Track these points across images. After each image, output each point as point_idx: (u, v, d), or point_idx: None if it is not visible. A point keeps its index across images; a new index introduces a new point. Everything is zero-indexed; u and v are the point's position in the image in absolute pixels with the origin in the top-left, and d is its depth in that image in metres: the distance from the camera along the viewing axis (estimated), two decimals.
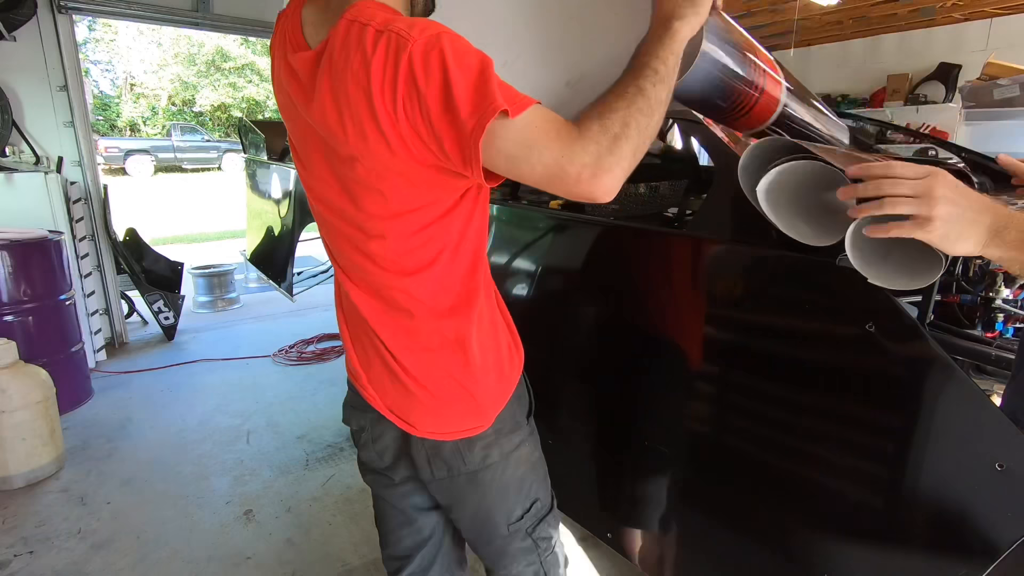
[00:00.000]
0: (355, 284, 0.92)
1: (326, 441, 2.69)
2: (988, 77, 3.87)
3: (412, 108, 0.71)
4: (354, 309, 0.93)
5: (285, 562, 1.93)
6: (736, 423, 1.25)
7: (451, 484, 0.98)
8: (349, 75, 0.73)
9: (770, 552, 1.22)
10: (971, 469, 0.90)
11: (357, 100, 0.73)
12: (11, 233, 2.80)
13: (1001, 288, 1.38)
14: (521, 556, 1.05)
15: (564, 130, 0.72)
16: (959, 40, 5.90)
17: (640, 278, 1.44)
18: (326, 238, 0.96)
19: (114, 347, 3.95)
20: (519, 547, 1.04)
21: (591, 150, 0.70)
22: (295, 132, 0.89)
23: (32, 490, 2.32)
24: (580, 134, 0.71)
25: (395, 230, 0.83)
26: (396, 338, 0.91)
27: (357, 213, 0.84)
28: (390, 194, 0.80)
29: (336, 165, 0.83)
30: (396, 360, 0.91)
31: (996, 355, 1.20)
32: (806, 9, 5.47)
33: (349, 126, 0.75)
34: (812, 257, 1.00)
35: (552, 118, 0.73)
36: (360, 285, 0.91)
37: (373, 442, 1.01)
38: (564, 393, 1.71)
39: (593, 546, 1.97)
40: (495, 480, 0.99)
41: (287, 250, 3.39)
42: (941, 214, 0.71)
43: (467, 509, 1.02)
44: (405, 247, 0.84)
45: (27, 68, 3.40)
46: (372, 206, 0.82)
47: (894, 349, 0.95)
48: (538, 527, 1.05)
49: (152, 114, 17.61)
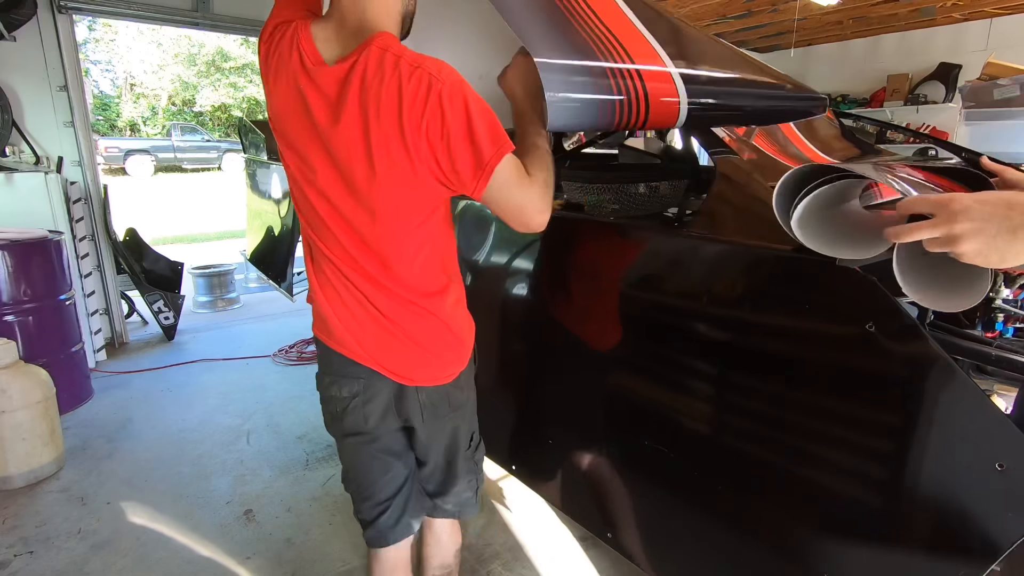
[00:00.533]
0: (352, 268, 1.06)
1: (326, 441, 2.69)
2: (988, 77, 3.87)
3: (434, 132, 0.91)
4: (349, 289, 1.08)
5: (285, 562, 1.93)
6: (737, 423, 1.25)
7: (438, 423, 1.19)
8: (384, 95, 0.90)
9: (770, 552, 1.22)
10: (971, 469, 0.90)
11: (389, 117, 0.90)
12: (11, 233, 2.80)
13: (1001, 288, 1.38)
14: (465, 476, 1.28)
15: (525, 176, 0.97)
16: (959, 40, 5.90)
17: (641, 278, 1.44)
18: (317, 232, 1.08)
19: (114, 347, 3.95)
20: (466, 469, 1.27)
21: (540, 193, 0.98)
22: (299, 135, 1.00)
23: (32, 490, 2.32)
24: (531, 181, 0.98)
25: (395, 223, 1.01)
26: (391, 307, 1.07)
27: (364, 209, 1.00)
28: (396, 196, 0.98)
29: (349, 169, 0.97)
30: (395, 324, 1.08)
31: (996, 355, 1.20)
32: (806, 9, 5.47)
33: (375, 137, 0.92)
34: (812, 257, 1.00)
35: (519, 164, 0.97)
36: (357, 269, 1.06)
37: (364, 404, 1.14)
38: (566, 394, 1.71)
39: (593, 546, 1.98)
40: (465, 413, 1.24)
41: (287, 250, 3.39)
42: (965, 230, 0.64)
43: (443, 441, 1.22)
44: (401, 234, 1.02)
45: (27, 68, 3.40)
46: (381, 202, 0.98)
47: (894, 349, 0.95)
48: (477, 452, 1.30)
49: (152, 114, 17.61)
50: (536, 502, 2.16)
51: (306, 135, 0.99)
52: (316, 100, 0.94)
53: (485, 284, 1.90)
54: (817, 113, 1.40)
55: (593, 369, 1.58)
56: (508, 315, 1.87)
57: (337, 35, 0.95)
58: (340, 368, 1.14)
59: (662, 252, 1.39)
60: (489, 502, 2.23)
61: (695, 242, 1.29)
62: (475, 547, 1.99)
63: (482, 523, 2.11)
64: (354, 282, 1.07)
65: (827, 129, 2.10)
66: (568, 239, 1.61)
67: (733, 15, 6.01)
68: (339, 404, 1.16)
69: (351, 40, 0.94)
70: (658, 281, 1.39)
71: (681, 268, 1.34)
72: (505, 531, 2.07)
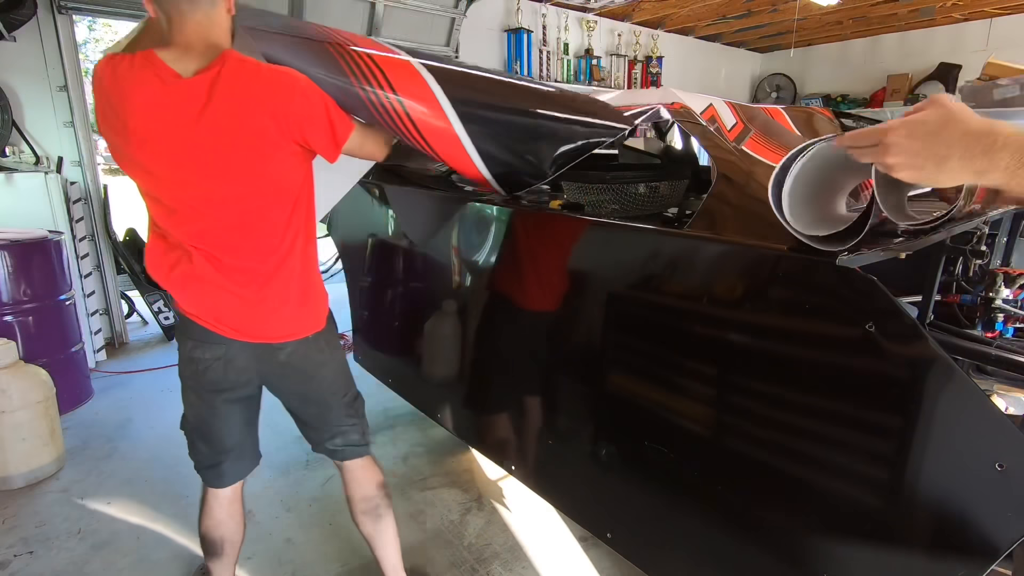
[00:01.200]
0: (215, 255, 1.25)
1: None
2: (988, 77, 3.86)
3: (302, 114, 1.22)
4: (211, 274, 1.26)
5: (285, 562, 1.93)
6: (736, 423, 1.25)
7: (309, 371, 1.42)
8: (255, 92, 1.18)
9: (770, 552, 1.22)
10: (971, 469, 0.90)
11: (261, 108, 1.18)
12: (11, 233, 2.80)
13: (1001, 288, 1.38)
14: (347, 422, 1.52)
15: (364, 135, 1.38)
16: (959, 40, 5.90)
17: (641, 279, 1.44)
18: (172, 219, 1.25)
19: (114, 347, 3.95)
20: (347, 414, 1.52)
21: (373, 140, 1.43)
22: (162, 135, 1.18)
23: (32, 490, 2.32)
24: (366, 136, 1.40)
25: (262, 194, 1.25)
26: (245, 278, 1.28)
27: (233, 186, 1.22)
28: (271, 170, 1.24)
29: (217, 154, 1.19)
30: (249, 291, 1.29)
31: (996, 355, 1.21)
32: (806, 9, 5.47)
33: (247, 124, 1.18)
34: (812, 257, 1.00)
35: (359, 128, 1.36)
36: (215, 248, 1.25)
37: (226, 365, 1.35)
38: (567, 394, 1.71)
39: (593, 546, 1.98)
40: (332, 365, 1.47)
41: None
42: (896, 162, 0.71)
43: (318, 387, 1.46)
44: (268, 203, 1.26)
45: (27, 68, 3.39)
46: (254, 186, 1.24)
47: (894, 349, 0.95)
48: (355, 402, 1.55)
49: None
50: (536, 502, 2.16)
51: (169, 134, 1.18)
52: (180, 105, 1.17)
53: (487, 291, 1.91)
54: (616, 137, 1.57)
55: (593, 369, 1.58)
56: (507, 316, 1.87)
57: (186, 56, 1.18)
58: (201, 336, 1.33)
59: (662, 252, 1.39)
60: (489, 502, 2.23)
61: (695, 242, 1.29)
62: (475, 547, 1.99)
63: (482, 523, 2.11)
64: (212, 261, 1.26)
65: (827, 129, 2.10)
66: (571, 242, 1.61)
67: (733, 15, 6.01)
68: (201, 364, 1.35)
69: (202, 58, 1.18)
70: (658, 282, 1.39)
71: (681, 268, 1.34)
72: (505, 531, 2.07)
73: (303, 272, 1.36)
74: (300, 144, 1.25)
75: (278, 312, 1.33)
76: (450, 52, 5.02)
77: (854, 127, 2.42)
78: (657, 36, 6.47)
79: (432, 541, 2.02)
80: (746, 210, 1.20)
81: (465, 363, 2.10)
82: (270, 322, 1.33)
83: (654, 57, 6.38)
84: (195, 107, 1.17)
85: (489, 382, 2.01)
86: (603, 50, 6.08)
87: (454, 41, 4.96)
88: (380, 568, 1.63)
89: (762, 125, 1.67)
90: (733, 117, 1.59)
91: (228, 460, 1.47)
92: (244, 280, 1.28)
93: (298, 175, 1.30)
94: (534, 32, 5.40)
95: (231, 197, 1.23)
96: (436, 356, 2.24)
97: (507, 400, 1.91)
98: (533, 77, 5.41)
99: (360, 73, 1.36)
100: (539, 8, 5.47)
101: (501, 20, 5.32)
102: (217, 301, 1.29)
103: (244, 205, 1.24)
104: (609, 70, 6.08)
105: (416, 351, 2.42)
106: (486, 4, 5.07)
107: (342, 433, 1.51)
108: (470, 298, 2.04)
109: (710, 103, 1.58)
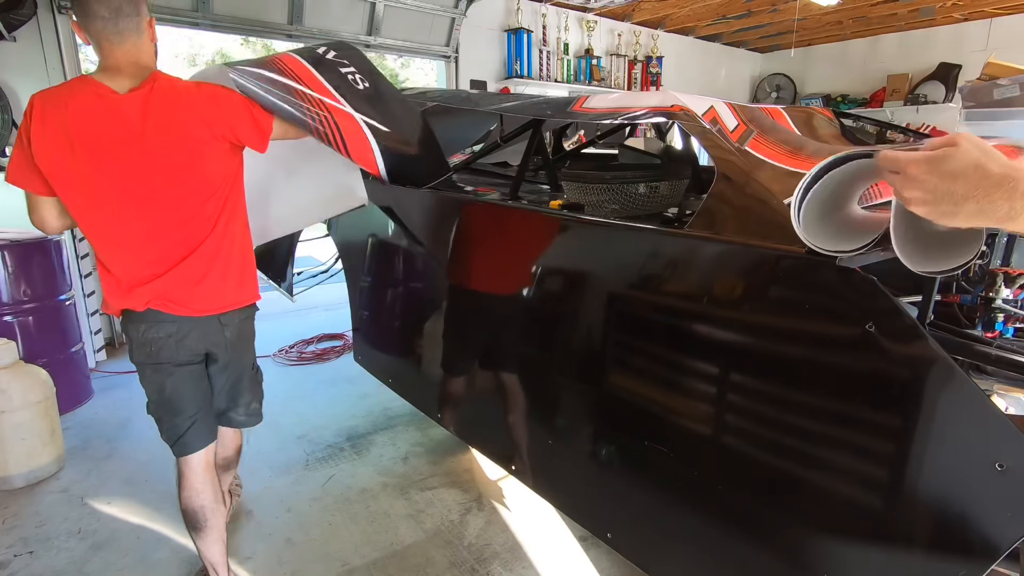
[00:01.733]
0: (156, 242, 1.43)
1: (326, 441, 2.69)
2: (988, 77, 3.86)
3: (232, 117, 1.48)
4: (162, 272, 1.44)
5: (285, 562, 1.93)
6: (736, 423, 1.25)
7: (239, 343, 1.62)
8: (184, 103, 1.40)
9: (770, 552, 1.22)
10: (971, 469, 0.90)
11: (195, 116, 1.41)
12: (11, 233, 2.80)
13: (1001, 288, 1.38)
14: (252, 392, 1.74)
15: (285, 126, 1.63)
16: (959, 40, 5.90)
17: (642, 279, 1.44)
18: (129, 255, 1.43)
19: (114, 347, 3.94)
20: (254, 383, 1.74)
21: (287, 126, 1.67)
22: (107, 146, 1.34)
23: (32, 490, 2.32)
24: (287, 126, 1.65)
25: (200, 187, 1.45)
26: (195, 266, 1.47)
27: (174, 184, 1.42)
28: (206, 169, 1.45)
29: (161, 157, 1.38)
30: (199, 276, 1.48)
31: (996, 355, 1.20)
32: (806, 9, 5.48)
33: (185, 131, 1.40)
34: (812, 257, 1.00)
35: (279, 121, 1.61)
36: (163, 241, 1.43)
37: (179, 341, 1.50)
38: (568, 394, 1.71)
39: (593, 546, 1.98)
40: (251, 345, 1.71)
41: (287, 250, 3.38)
42: (913, 197, 0.69)
43: (241, 357, 1.66)
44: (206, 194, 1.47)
45: (27, 68, 3.39)
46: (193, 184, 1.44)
47: (894, 349, 0.95)
48: (257, 374, 1.77)
49: None
50: (536, 502, 2.16)
51: (114, 143, 1.34)
52: (119, 118, 1.34)
53: (487, 291, 1.90)
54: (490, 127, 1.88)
55: (594, 369, 1.58)
56: (507, 316, 1.87)
57: (118, 76, 1.36)
58: (154, 317, 1.47)
59: (663, 252, 1.39)
60: (489, 502, 2.23)
61: (695, 242, 1.29)
62: (475, 547, 1.99)
63: (482, 523, 2.11)
64: (160, 253, 1.44)
65: (827, 129, 2.10)
66: (571, 242, 1.61)
67: (733, 15, 6.02)
68: (155, 344, 1.49)
69: (133, 78, 1.37)
70: (659, 281, 1.40)
71: (682, 268, 1.34)
72: (505, 531, 2.07)
73: (241, 250, 1.58)
74: (231, 141, 1.49)
75: (220, 286, 1.52)
76: (450, 52, 5.02)
77: (854, 127, 2.42)
78: (657, 36, 6.47)
79: (432, 541, 2.02)
80: (746, 210, 1.20)
81: (465, 363, 2.10)
82: (214, 295, 1.51)
83: (654, 57, 6.39)
84: (134, 120, 1.35)
85: (489, 382, 2.01)
86: (603, 50, 6.08)
87: (454, 41, 4.97)
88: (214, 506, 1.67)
89: (764, 125, 1.66)
90: (735, 119, 1.59)
91: (193, 426, 1.59)
92: (189, 266, 1.46)
93: (229, 169, 1.52)
94: (534, 32, 5.40)
95: (175, 197, 1.42)
96: (436, 356, 2.25)
97: (507, 400, 1.91)
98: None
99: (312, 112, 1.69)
100: (539, 8, 5.47)
101: (501, 20, 5.33)
102: (167, 286, 1.45)
103: (186, 203, 1.43)
104: (609, 70, 6.08)
105: (416, 351, 2.42)
106: (486, 4, 5.08)
107: (246, 403, 1.72)
108: (470, 298, 2.04)
109: (711, 104, 1.58)
